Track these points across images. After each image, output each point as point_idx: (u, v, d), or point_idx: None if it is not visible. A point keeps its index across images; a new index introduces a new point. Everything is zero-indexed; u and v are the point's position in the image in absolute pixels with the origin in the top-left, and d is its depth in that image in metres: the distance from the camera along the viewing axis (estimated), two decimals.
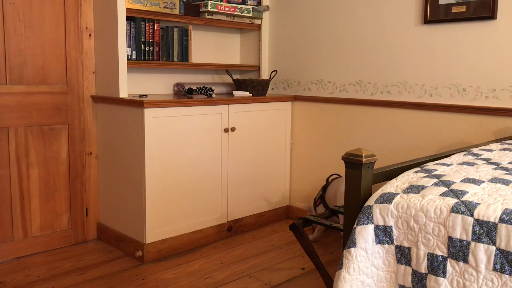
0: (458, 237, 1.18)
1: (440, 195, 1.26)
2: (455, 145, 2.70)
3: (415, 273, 1.25)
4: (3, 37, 2.64)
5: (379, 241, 1.30)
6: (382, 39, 2.98)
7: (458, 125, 2.69)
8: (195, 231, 2.97)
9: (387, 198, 1.31)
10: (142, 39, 2.97)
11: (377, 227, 1.31)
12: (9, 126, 2.71)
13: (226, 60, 3.68)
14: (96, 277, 2.55)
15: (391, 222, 1.29)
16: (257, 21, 3.57)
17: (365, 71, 3.09)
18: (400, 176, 1.47)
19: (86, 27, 2.94)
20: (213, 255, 2.86)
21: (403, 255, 1.28)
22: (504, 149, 1.92)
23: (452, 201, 1.22)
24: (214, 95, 3.16)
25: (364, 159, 1.38)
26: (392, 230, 1.29)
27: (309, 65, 3.40)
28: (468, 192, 1.27)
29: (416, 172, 1.50)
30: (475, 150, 1.90)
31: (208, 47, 3.55)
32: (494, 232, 1.13)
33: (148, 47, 3.01)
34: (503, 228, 1.12)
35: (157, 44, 3.06)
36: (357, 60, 3.12)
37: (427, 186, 1.33)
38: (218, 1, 3.28)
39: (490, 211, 1.16)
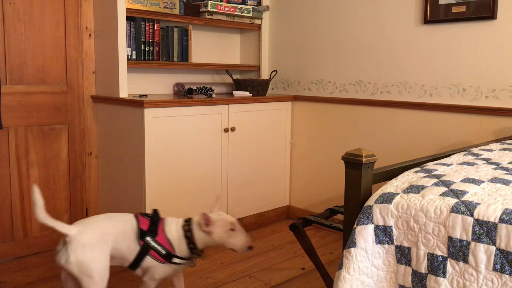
0: (458, 237, 1.18)
1: (440, 195, 1.26)
2: (455, 145, 2.70)
3: (415, 273, 1.25)
4: (3, 37, 2.64)
5: (379, 241, 1.30)
6: (382, 39, 2.99)
7: (458, 125, 2.69)
8: None
9: (387, 198, 1.31)
10: (142, 39, 2.97)
11: (377, 227, 1.31)
12: (9, 126, 2.71)
13: (226, 60, 3.68)
14: None
15: (391, 222, 1.29)
16: (257, 21, 3.57)
17: (365, 71, 3.09)
18: (400, 176, 1.47)
19: (86, 27, 2.94)
20: (213, 255, 2.86)
21: (403, 255, 1.28)
22: (504, 149, 1.92)
23: (452, 201, 1.22)
24: (214, 95, 3.16)
25: (364, 159, 1.38)
26: (392, 230, 1.29)
27: (309, 65, 3.40)
28: (468, 192, 1.27)
29: (416, 172, 1.50)
30: (475, 150, 1.90)
31: (208, 47, 3.55)
32: (494, 232, 1.13)
33: (148, 47, 3.02)
34: (503, 228, 1.12)
35: (157, 44, 3.06)
36: (357, 60, 3.12)
37: (427, 186, 1.33)
38: (218, 1, 3.28)
39: (490, 211, 1.16)
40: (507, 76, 2.52)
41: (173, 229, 1.95)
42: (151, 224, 1.93)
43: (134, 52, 2.94)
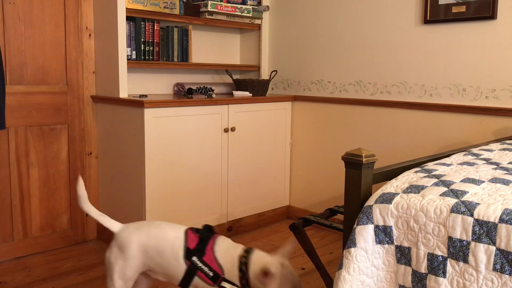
0: (458, 237, 1.18)
1: (440, 195, 1.26)
2: (455, 145, 2.70)
3: (415, 273, 1.24)
4: (3, 37, 2.64)
5: (379, 241, 1.30)
6: (382, 39, 2.99)
7: (458, 125, 2.69)
8: None
9: (387, 198, 1.31)
10: (142, 39, 2.97)
11: (377, 227, 1.31)
12: (9, 126, 2.71)
13: (226, 60, 3.68)
14: (96, 277, 2.55)
15: (391, 222, 1.29)
16: (257, 21, 3.57)
17: (365, 71, 3.09)
18: (400, 176, 1.47)
19: (86, 27, 2.94)
20: None
21: (403, 255, 1.28)
22: (504, 149, 1.92)
23: (452, 201, 1.22)
24: (214, 95, 3.16)
25: (364, 159, 1.38)
26: (392, 230, 1.29)
27: (309, 65, 3.40)
28: (468, 192, 1.27)
29: (416, 172, 1.50)
30: (475, 150, 1.90)
31: (208, 47, 3.55)
32: (494, 232, 1.13)
33: (148, 47, 3.01)
34: (503, 228, 1.12)
35: (157, 44, 3.06)
36: (357, 60, 3.12)
37: (427, 186, 1.33)
38: (218, 1, 3.28)
39: (490, 211, 1.16)
40: (507, 76, 2.52)
41: (223, 250, 1.75)
42: (199, 242, 1.75)
43: (134, 52, 2.94)
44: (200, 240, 1.76)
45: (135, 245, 1.76)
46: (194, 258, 1.73)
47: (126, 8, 2.81)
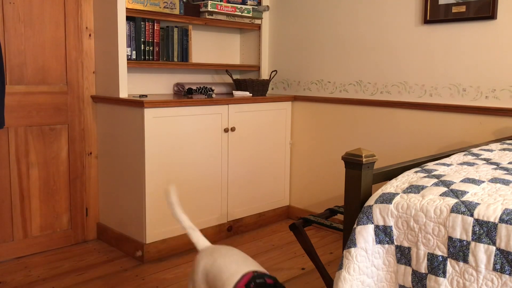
0: (458, 237, 1.18)
1: (440, 195, 1.26)
2: (455, 145, 2.70)
3: (415, 273, 1.24)
4: (3, 37, 2.64)
5: (379, 241, 1.30)
6: (382, 39, 2.99)
7: (458, 125, 2.69)
8: None
9: (387, 198, 1.31)
10: (142, 39, 2.97)
11: (377, 227, 1.31)
12: (9, 126, 2.71)
13: (226, 60, 3.68)
14: (96, 277, 2.55)
15: (391, 222, 1.29)
16: (257, 21, 3.57)
17: (365, 71, 3.09)
18: (400, 176, 1.47)
19: (86, 27, 2.94)
20: None
21: (403, 255, 1.28)
22: (504, 149, 1.92)
23: (452, 201, 1.22)
24: (214, 95, 3.16)
25: (364, 159, 1.38)
26: (392, 230, 1.29)
27: (309, 65, 3.40)
28: (468, 192, 1.27)
29: (416, 172, 1.50)
30: (475, 150, 1.90)
31: (208, 47, 3.55)
32: (494, 232, 1.13)
33: (148, 47, 3.02)
34: (503, 228, 1.12)
35: (157, 44, 3.06)
36: (357, 60, 3.12)
37: (427, 186, 1.33)
38: (218, 1, 3.28)
39: (490, 211, 1.16)
40: (507, 76, 2.52)
41: None
42: None
43: (134, 52, 2.94)
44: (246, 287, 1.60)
45: (200, 270, 1.70)
46: None
47: (126, 8, 2.81)
